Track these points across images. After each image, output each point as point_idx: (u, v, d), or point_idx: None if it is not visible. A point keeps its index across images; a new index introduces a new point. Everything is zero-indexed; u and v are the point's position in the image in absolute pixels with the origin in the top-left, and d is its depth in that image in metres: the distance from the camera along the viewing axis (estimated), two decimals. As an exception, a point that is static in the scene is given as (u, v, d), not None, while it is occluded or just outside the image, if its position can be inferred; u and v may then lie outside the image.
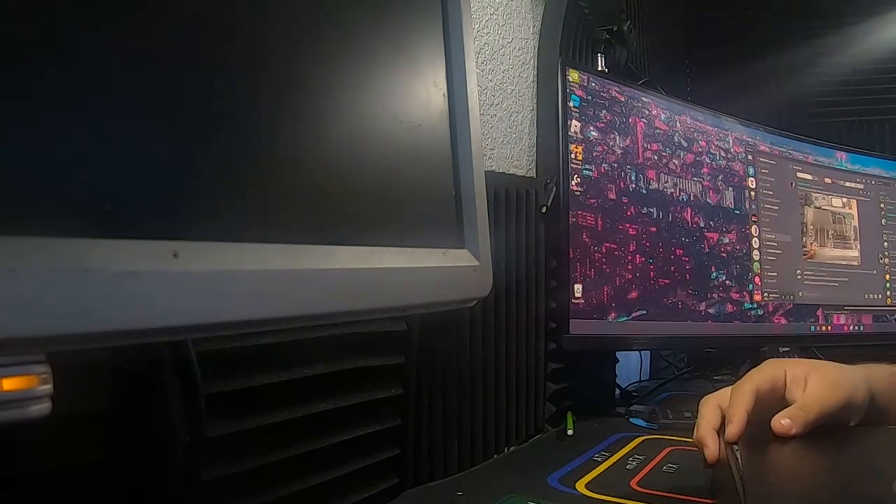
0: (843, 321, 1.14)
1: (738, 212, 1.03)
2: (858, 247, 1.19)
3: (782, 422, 0.51)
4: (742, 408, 0.52)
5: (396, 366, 0.59)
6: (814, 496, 0.43)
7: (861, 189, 1.21)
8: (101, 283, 0.19)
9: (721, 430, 0.53)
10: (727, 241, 1.01)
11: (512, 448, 0.76)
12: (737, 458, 0.48)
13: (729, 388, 0.56)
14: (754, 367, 0.58)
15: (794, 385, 0.55)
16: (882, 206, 1.23)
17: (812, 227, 1.13)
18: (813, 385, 0.54)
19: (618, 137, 0.89)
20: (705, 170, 1.00)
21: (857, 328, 1.16)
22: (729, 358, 1.20)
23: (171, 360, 0.37)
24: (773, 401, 0.55)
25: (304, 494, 0.48)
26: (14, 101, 0.19)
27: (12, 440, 0.31)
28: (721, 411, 0.54)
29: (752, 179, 1.07)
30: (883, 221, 1.22)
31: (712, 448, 0.51)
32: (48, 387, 0.28)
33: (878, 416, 0.57)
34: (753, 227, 1.05)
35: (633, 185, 0.90)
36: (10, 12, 0.19)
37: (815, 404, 0.53)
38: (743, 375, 0.56)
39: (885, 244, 1.22)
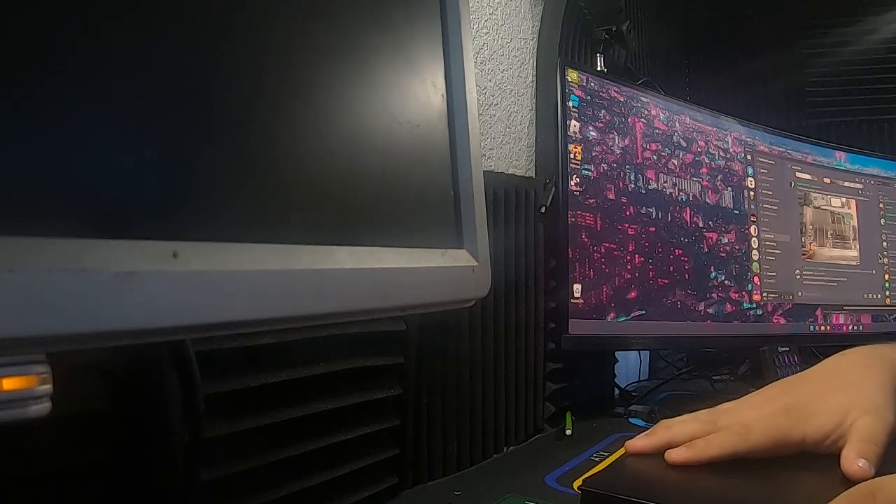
0: (841, 321, 1.15)
1: (737, 212, 1.03)
2: (857, 247, 1.19)
3: (859, 464, 0.43)
4: (708, 456, 0.46)
5: (396, 366, 0.59)
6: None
7: (860, 189, 1.21)
8: (101, 283, 0.19)
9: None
10: (726, 240, 1.01)
11: (511, 448, 0.77)
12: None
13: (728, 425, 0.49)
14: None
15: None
16: (881, 205, 1.23)
17: (811, 226, 1.13)
18: (862, 420, 0.47)
19: (617, 137, 0.89)
20: (704, 170, 1.00)
21: (855, 328, 1.16)
22: (728, 358, 1.20)
23: (170, 361, 0.37)
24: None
25: (303, 494, 0.48)
26: (14, 100, 0.19)
27: (12, 440, 0.31)
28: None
29: (751, 179, 1.07)
30: (882, 221, 1.23)
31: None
32: (48, 387, 0.29)
33: None
34: (752, 226, 1.06)
35: (633, 185, 0.90)
36: (10, 12, 0.19)
37: (880, 432, 0.45)
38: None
39: (884, 244, 1.22)
